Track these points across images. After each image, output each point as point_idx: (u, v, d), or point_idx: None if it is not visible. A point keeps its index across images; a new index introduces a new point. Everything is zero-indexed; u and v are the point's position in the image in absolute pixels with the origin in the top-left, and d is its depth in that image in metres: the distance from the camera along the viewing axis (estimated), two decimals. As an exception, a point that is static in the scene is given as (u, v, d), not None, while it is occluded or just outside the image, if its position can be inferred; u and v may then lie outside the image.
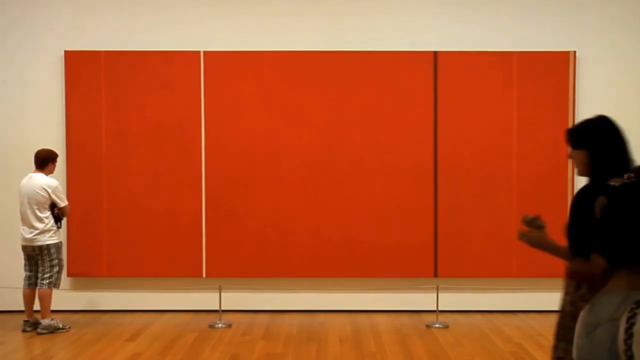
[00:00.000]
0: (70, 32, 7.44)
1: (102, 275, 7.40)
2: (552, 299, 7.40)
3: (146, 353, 5.89)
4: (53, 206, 6.64)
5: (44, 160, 6.68)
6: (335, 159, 7.34)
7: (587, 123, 2.98)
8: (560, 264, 7.10)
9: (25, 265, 6.73)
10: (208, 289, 7.27)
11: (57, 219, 6.68)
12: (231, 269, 7.35)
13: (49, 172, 6.70)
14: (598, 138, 2.91)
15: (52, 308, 6.65)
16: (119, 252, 7.35)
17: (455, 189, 7.35)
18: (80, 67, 7.35)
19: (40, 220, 6.58)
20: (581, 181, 5.08)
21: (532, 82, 7.31)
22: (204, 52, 7.34)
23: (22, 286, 6.74)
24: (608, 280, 1.66)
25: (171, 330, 6.70)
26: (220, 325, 6.81)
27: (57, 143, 7.31)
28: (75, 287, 7.48)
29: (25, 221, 6.62)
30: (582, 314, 1.69)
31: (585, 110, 7.34)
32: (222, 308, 6.99)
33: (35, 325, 6.62)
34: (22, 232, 6.63)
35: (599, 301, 1.65)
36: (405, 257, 7.33)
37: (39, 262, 6.63)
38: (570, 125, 7.33)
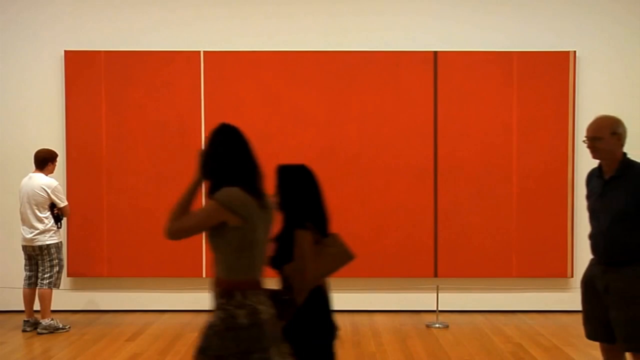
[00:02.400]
0: (70, 32, 7.44)
1: (102, 275, 7.39)
2: (552, 299, 7.44)
3: (146, 353, 5.89)
4: (53, 206, 6.64)
5: (44, 160, 6.67)
6: (335, 159, 7.33)
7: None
8: (562, 264, 7.06)
9: (25, 265, 6.73)
10: (208, 289, 7.26)
11: (57, 219, 6.68)
12: (231, 269, 7.34)
13: (48, 172, 6.70)
14: (208, 143, 3.00)
15: (52, 308, 6.64)
16: (119, 252, 7.35)
17: (455, 189, 7.35)
18: (80, 67, 7.35)
19: (40, 220, 6.58)
20: (582, 182, 5.10)
21: (532, 82, 7.31)
22: (204, 52, 7.34)
23: (22, 286, 6.73)
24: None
25: (171, 330, 6.70)
26: None
27: (57, 143, 7.31)
28: (75, 287, 7.47)
29: (25, 221, 6.62)
30: None
31: (585, 110, 7.35)
32: (222, 308, 6.98)
33: (35, 325, 6.62)
34: (22, 232, 6.63)
35: None
36: (405, 257, 7.32)
37: (39, 262, 6.63)
38: (570, 124, 7.34)
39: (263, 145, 7.28)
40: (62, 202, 6.68)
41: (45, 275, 6.60)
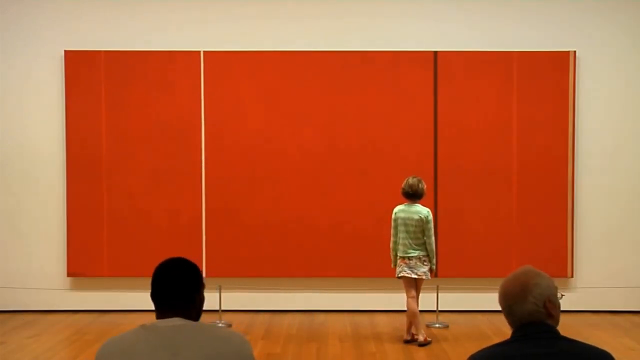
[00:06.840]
0: (70, 32, 7.44)
1: (102, 275, 7.39)
2: (552, 299, 7.43)
3: (146, 353, 5.87)
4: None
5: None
6: (335, 159, 7.34)
7: None
8: (562, 264, 7.11)
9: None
10: (208, 289, 7.24)
11: None
12: (231, 269, 7.35)
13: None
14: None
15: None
16: (119, 252, 7.35)
17: (455, 189, 7.35)
18: (80, 67, 7.35)
19: None
20: (582, 182, 5.16)
21: (532, 82, 7.31)
22: (204, 52, 7.34)
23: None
24: None
25: (171, 330, 6.68)
26: (220, 325, 6.80)
27: (57, 143, 7.31)
28: (75, 287, 7.47)
29: None
30: None
31: (585, 110, 7.35)
32: (222, 308, 6.99)
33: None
34: None
35: None
36: (405, 257, 7.31)
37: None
38: (570, 124, 7.33)
39: (263, 145, 7.36)
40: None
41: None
